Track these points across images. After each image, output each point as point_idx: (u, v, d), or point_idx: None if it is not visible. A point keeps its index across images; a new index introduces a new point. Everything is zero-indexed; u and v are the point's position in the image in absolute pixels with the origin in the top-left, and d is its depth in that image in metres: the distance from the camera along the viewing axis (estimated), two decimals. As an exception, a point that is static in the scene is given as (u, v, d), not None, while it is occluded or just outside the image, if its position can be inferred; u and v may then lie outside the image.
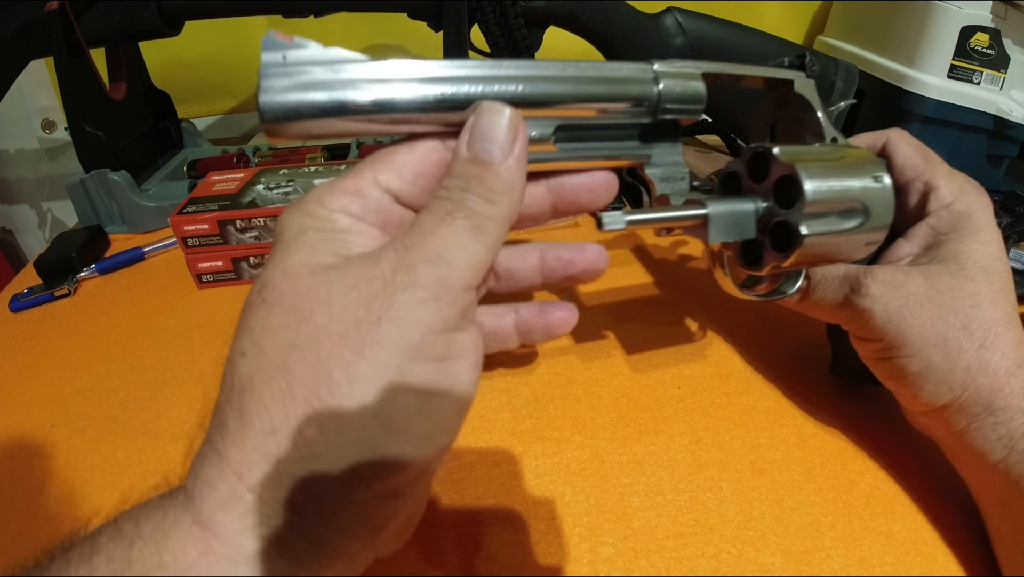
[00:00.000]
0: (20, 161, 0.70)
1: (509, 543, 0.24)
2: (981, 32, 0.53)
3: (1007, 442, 0.23)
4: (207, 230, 0.39)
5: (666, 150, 0.24)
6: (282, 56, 0.18)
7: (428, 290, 0.17)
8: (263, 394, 0.16)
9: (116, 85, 0.50)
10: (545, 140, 0.21)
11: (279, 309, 0.17)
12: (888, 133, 0.28)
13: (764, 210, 0.24)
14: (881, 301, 0.25)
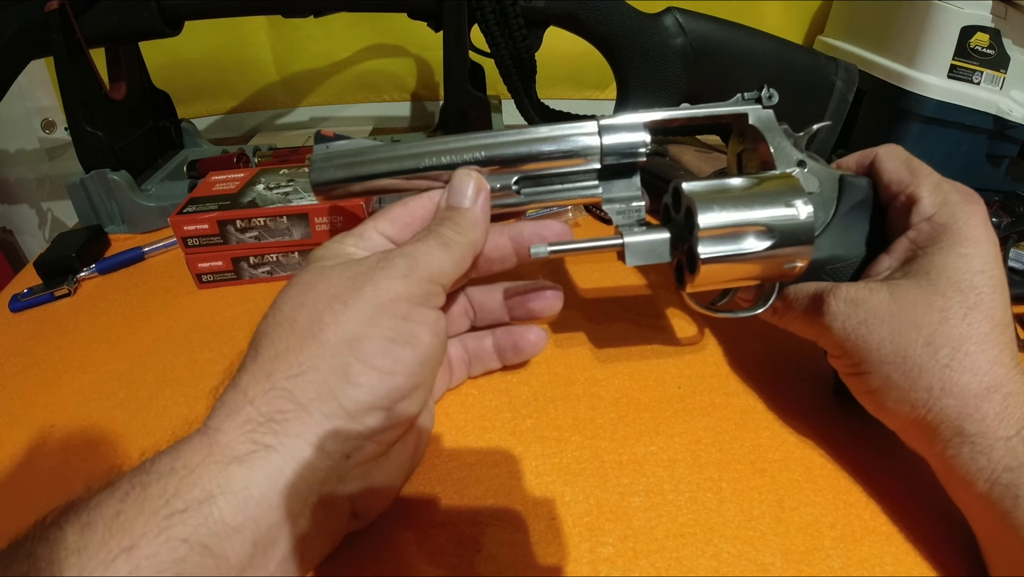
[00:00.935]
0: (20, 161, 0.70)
1: (509, 543, 0.24)
2: (981, 32, 0.53)
3: (988, 475, 0.21)
4: (207, 230, 0.39)
5: (623, 186, 0.29)
6: (326, 147, 0.28)
7: (399, 271, 0.23)
8: (273, 336, 0.22)
9: (116, 85, 0.50)
10: (508, 190, 0.28)
11: (298, 287, 0.23)
12: (877, 150, 0.29)
13: (678, 236, 0.28)
14: (839, 318, 0.25)
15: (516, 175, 0.28)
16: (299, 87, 0.71)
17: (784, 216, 0.26)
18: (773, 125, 0.29)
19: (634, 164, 0.28)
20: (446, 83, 0.48)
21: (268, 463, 0.19)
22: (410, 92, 0.74)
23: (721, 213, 0.26)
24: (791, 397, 0.32)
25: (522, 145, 0.27)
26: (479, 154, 0.27)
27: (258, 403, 0.20)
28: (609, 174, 0.28)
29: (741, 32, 0.45)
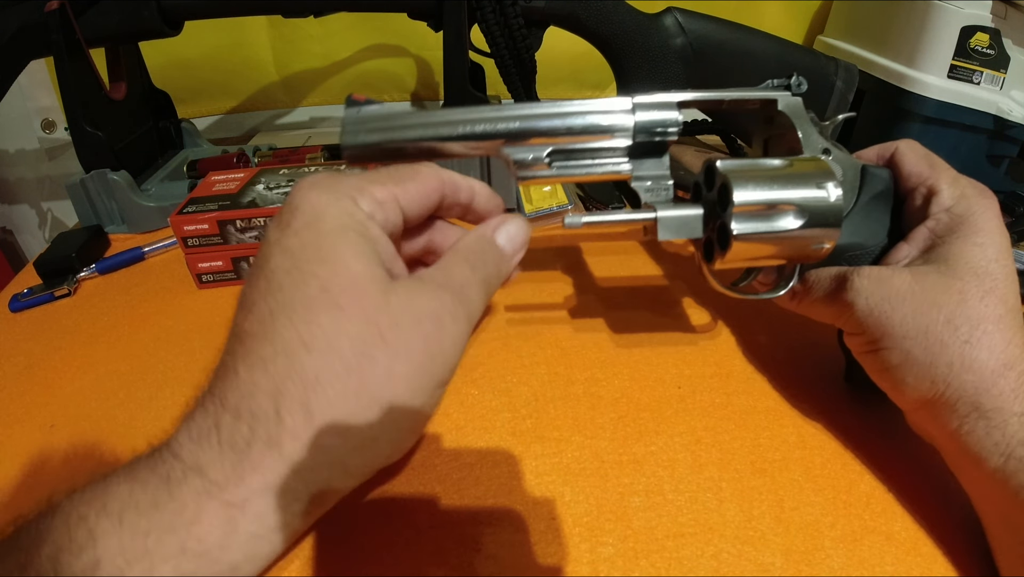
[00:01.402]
0: (20, 161, 0.70)
1: (509, 543, 0.24)
2: (981, 32, 0.53)
3: (1003, 449, 0.22)
4: (207, 230, 0.39)
5: (653, 165, 0.28)
6: (357, 111, 0.26)
7: (463, 338, 0.22)
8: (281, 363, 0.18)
9: (116, 85, 0.50)
10: (540, 162, 0.27)
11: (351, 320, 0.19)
12: (897, 144, 0.30)
13: (710, 214, 0.28)
14: (863, 293, 0.26)
15: (549, 147, 0.27)
16: (299, 87, 0.71)
17: (816, 197, 0.26)
18: (801, 112, 0.29)
19: (664, 143, 0.28)
20: (446, 83, 0.48)
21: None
22: (410, 92, 0.74)
23: (755, 191, 0.26)
24: (797, 392, 0.32)
25: (557, 118, 0.27)
26: (514, 124, 0.27)
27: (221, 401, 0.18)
28: (640, 152, 0.28)
29: (741, 32, 0.45)
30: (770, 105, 0.30)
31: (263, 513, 0.18)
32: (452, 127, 0.27)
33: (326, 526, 0.24)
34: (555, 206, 0.48)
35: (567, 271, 0.42)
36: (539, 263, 0.43)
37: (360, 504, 0.25)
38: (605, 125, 0.27)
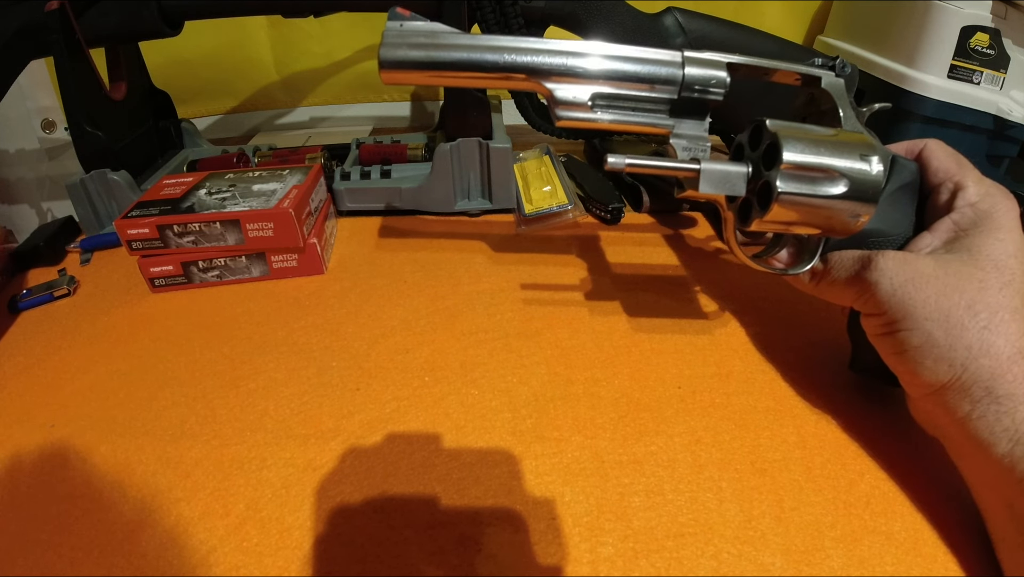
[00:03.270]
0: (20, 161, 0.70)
1: (509, 543, 0.24)
2: (981, 32, 0.53)
3: (1012, 435, 0.23)
4: (148, 234, 0.39)
5: (692, 125, 0.28)
6: (400, 24, 0.26)
7: None
8: None
9: (116, 85, 0.50)
10: (582, 104, 0.27)
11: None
12: (927, 141, 0.30)
13: (754, 173, 0.27)
14: (888, 274, 0.26)
15: (593, 89, 0.27)
16: (299, 87, 0.71)
17: (859, 168, 0.26)
18: (843, 94, 0.30)
19: (707, 103, 0.28)
20: (446, 83, 0.48)
21: None
22: (410, 92, 0.74)
23: (803, 152, 0.26)
24: (797, 392, 0.32)
25: (605, 60, 0.27)
26: (561, 60, 0.26)
27: None
28: (682, 110, 0.28)
29: (741, 32, 0.45)
30: (814, 82, 0.30)
31: None
32: (498, 54, 0.26)
33: (326, 526, 0.25)
34: (555, 206, 0.48)
35: (567, 272, 0.42)
36: (539, 263, 0.43)
37: (360, 504, 0.25)
38: (653, 73, 0.27)
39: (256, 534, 0.24)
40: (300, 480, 0.26)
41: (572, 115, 0.27)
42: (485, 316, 0.37)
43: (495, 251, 0.44)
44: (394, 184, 0.48)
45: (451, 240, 0.46)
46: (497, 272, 0.42)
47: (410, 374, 0.33)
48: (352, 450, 0.28)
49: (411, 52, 0.26)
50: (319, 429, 0.29)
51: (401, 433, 0.29)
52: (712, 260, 0.44)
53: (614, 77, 0.27)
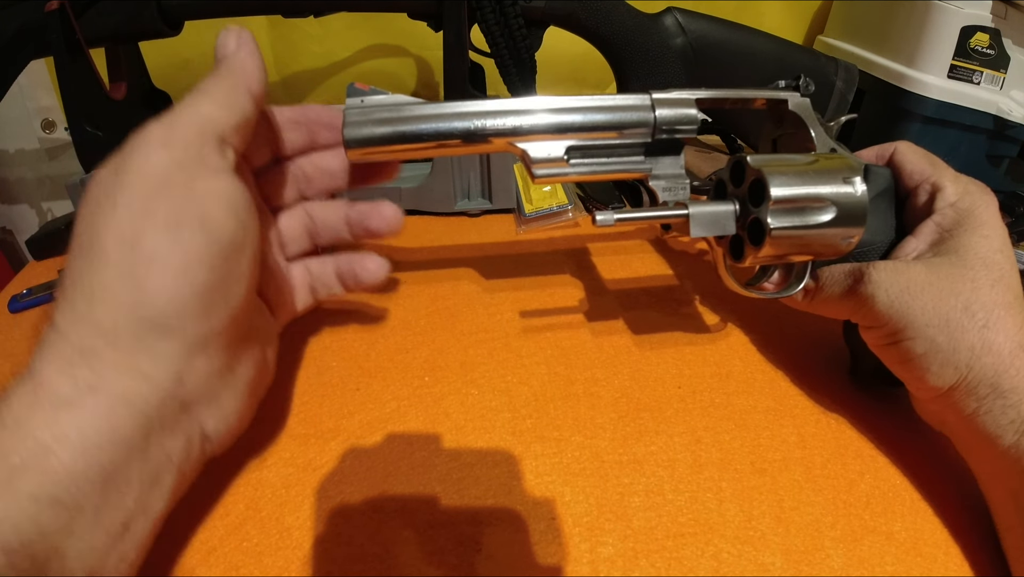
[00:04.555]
0: (20, 161, 0.70)
1: (509, 543, 0.24)
2: (981, 32, 0.53)
3: (1018, 427, 0.23)
4: None
5: (669, 164, 0.28)
6: (360, 100, 0.25)
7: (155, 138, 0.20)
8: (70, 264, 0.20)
9: (116, 85, 0.50)
10: (557, 159, 0.26)
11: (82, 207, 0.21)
12: (896, 144, 0.30)
13: (741, 210, 0.28)
14: (883, 286, 0.26)
15: (567, 143, 0.27)
16: (299, 87, 0.71)
17: (844, 192, 0.26)
18: (811, 112, 0.30)
19: (680, 142, 0.28)
20: (446, 83, 0.48)
21: (96, 404, 0.18)
22: (410, 92, 0.73)
23: (789, 185, 0.26)
24: (797, 392, 0.32)
25: (575, 113, 0.26)
26: (530, 119, 0.26)
27: (70, 336, 0.19)
28: (657, 150, 0.28)
29: (741, 32, 0.45)
30: (780, 105, 0.30)
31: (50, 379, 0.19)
32: (466, 120, 0.26)
33: (326, 526, 0.25)
34: (555, 206, 0.47)
35: (567, 272, 0.42)
36: (539, 263, 0.43)
37: (360, 504, 0.25)
38: (624, 120, 0.27)
39: (256, 534, 0.24)
40: (300, 480, 0.26)
41: (549, 172, 0.27)
42: (485, 316, 0.37)
43: (495, 251, 0.44)
44: (394, 184, 0.48)
45: (451, 240, 0.46)
46: (497, 272, 0.42)
47: (410, 374, 0.33)
48: (352, 450, 0.28)
49: (376, 129, 0.25)
50: (319, 429, 0.29)
51: (401, 433, 0.29)
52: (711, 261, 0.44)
53: (587, 128, 0.26)
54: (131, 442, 0.19)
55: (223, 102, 0.23)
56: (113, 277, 0.19)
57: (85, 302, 0.19)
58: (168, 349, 0.20)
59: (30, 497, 0.16)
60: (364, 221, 0.29)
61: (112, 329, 0.19)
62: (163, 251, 0.19)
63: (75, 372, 0.18)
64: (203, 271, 0.20)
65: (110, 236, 0.19)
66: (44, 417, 0.18)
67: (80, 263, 0.19)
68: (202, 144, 0.21)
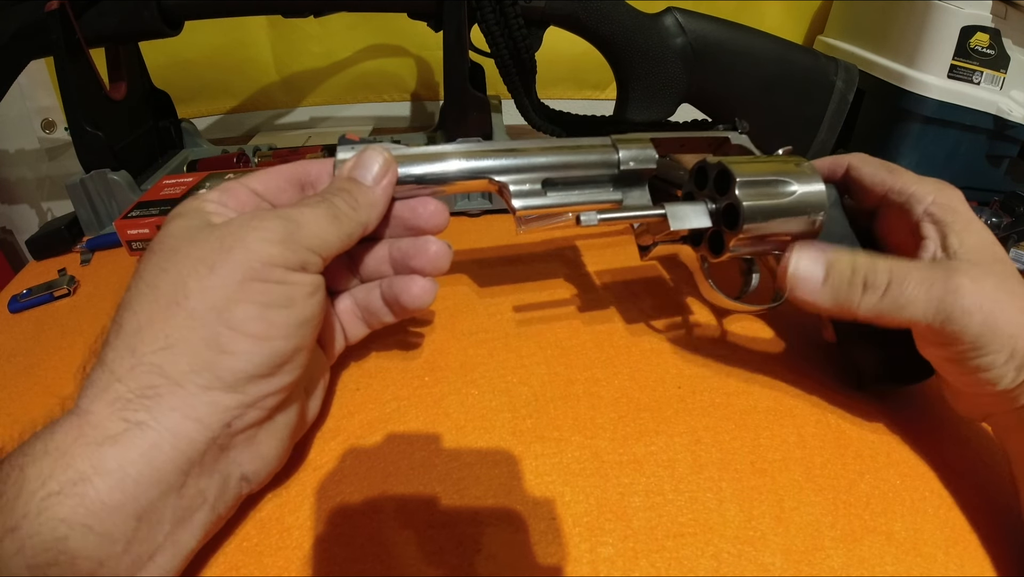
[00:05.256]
0: (20, 161, 0.70)
1: (509, 543, 0.24)
2: (981, 32, 0.53)
3: None
4: (148, 234, 0.39)
5: (637, 195, 0.31)
6: (351, 148, 0.27)
7: (274, 234, 0.22)
8: (135, 307, 0.21)
9: (116, 85, 0.50)
10: (537, 193, 0.29)
11: (160, 253, 0.22)
12: (848, 159, 0.31)
13: (712, 205, 0.30)
14: (977, 301, 0.24)
15: (543, 176, 0.30)
16: (299, 87, 0.71)
17: (797, 169, 0.29)
18: (750, 144, 0.35)
19: (643, 175, 0.31)
20: (446, 83, 0.48)
21: (143, 440, 0.19)
22: (410, 92, 0.74)
23: (750, 169, 0.29)
24: (796, 392, 0.32)
25: (546, 154, 0.29)
26: (510, 160, 0.29)
27: (126, 380, 0.19)
28: (624, 184, 0.31)
29: (741, 32, 0.45)
30: (725, 142, 0.35)
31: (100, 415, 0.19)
32: (448, 163, 0.28)
33: (326, 526, 0.25)
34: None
35: (567, 272, 0.42)
36: (539, 264, 0.43)
37: (360, 504, 0.25)
38: (592, 161, 0.30)
39: (256, 534, 0.24)
40: (300, 480, 0.26)
41: (529, 203, 0.29)
42: (485, 316, 0.37)
43: (495, 251, 0.44)
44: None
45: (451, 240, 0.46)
46: (497, 272, 0.42)
47: (410, 374, 0.33)
48: (352, 450, 0.28)
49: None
50: (319, 429, 0.29)
51: (401, 433, 0.29)
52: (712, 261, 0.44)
53: (559, 167, 0.29)
54: (169, 480, 0.19)
55: (344, 238, 0.25)
56: (196, 336, 0.20)
57: (154, 351, 0.20)
58: (229, 401, 0.21)
59: (63, 521, 0.17)
60: (408, 261, 0.29)
61: (178, 378, 0.20)
62: (251, 324, 0.21)
63: (126, 412, 0.19)
64: (281, 343, 0.22)
65: (201, 298, 0.20)
66: (88, 450, 0.18)
67: (152, 311, 0.20)
68: (309, 256, 0.23)
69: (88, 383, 0.20)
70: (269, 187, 0.26)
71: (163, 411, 0.19)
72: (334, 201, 0.24)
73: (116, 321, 0.21)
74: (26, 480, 0.17)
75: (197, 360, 0.20)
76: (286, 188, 0.27)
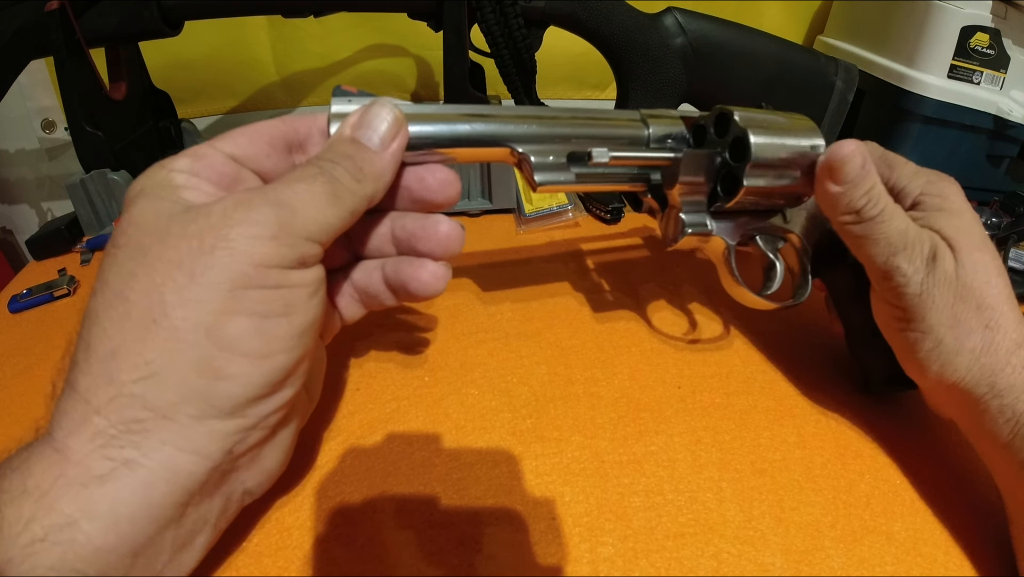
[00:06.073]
0: (20, 161, 0.70)
1: (509, 543, 0.24)
2: (981, 32, 0.53)
3: (1013, 426, 0.23)
4: None
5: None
6: (348, 100, 0.23)
7: (265, 228, 0.18)
8: (104, 322, 0.17)
9: (116, 85, 0.50)
10: (561, 167, 0.26)
11: (126, 250, 0.18)
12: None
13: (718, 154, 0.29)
14: (921, 272, 0.25)
15: (568, 151, 0.26)
16: (299, 87, 0.71)
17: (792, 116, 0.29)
18: None
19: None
20: (446, 83, 0.48)
21: (134, 479, 0.17)
22: (410, 92, 0.73)
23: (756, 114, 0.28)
24: (796, 392, 0.32)
25: (574, 125, 0.26)
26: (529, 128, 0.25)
27: (106, 413, 0.17)
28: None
29: (741, 32, 0.45)
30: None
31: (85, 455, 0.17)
32: (448, 126, 0.24)
33: (326, 526, 0.24)
34: (555, 206, 0.48)
35: (567, 271, 0.42)
36: (539, 263, 0.43)
37: (360, 504, 0.25)
38: (621, 135, 0.27)
39: (256, 534, 0.24)
40: (300, 480, 0.26)
41: (551, 177, 0.26)
42: (485, 316, 0.37)
43: (495, 251, 0.44)
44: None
45: (451, 240, 0.46)
46: (497, 272, 0.42)
47: (410, 374, 0.33)
48: (352, 450, 0.28)
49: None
50: (319, 429, 0.29)
51: (401, 433, 0.29)
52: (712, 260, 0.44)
53: (586, 139, 0.26)
54: (167, 515, 0.17)
55: (347, 218, 0.20)
56: (182, 362, 0.17)
57: (134, 380, 0.17)
58: (228, 428, 0.18)
59: (52, 569, 0.15)
60: (414, 243, 0.24)
61: (167, 410, 0.17)
62: (246, 341, 0.18)
63: (111, 450, 0.17)
64: (283, 357, 0.19)
65: (183, 315, 0.17)
66: (72, 492, 0.16)
67: (125, 330, 0.17)
68: (307, 246, 0.19)
69: (60, 411, 0.17)
70: (250, 152, 0.21)
71: (153, 446, 0.17)
72: (334, 173, 0.20)
73: (83, 338, 0.18)
74: (4, 522, 0.15)
75: (187, 389, 0.17)
76: (270, 152, 0.22)
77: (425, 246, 0.24)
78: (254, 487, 0.22)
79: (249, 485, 0.21)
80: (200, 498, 0.19)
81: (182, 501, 0.18)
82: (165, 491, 0.17)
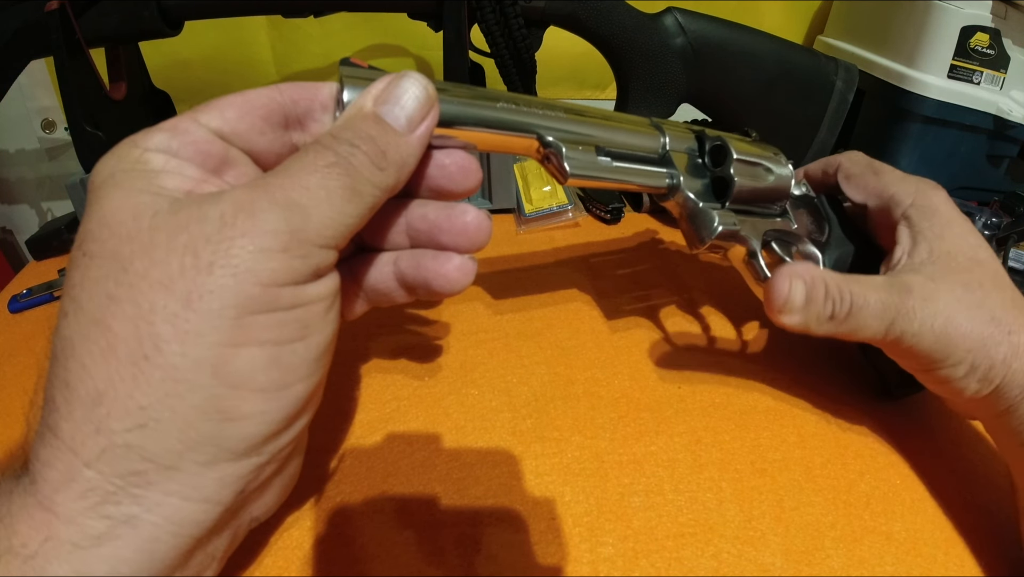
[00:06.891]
0: (20, 161, 0.70)
1: (509, 543, 0.24)
2: (981, 32, 0.53)
3: None
4: None
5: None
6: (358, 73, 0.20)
7: (274, 239, 0.15)
8: (81, 356, 0.14)
9: (116, 85, 0.50)
10: (591, 158, 0.24)
11: (99, 261, 0.15)
12: (840, 157, 0.31)
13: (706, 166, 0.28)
14: (927, 324, 0.24)
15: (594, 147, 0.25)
16: (299, 87, 0.71)
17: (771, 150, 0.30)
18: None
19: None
20: (446, 83, 0.48)
21: (136, 537, 0.15)
22: (410, 92, 0.73)
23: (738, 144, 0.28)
24: (797, 392, 0.32)
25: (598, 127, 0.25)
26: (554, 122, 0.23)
27: (97, 466, 0.14)
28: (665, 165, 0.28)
29: (741, 32, 0.45)
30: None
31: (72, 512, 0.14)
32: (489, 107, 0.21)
33: (326, 526, 0.25)
34: (555, 206, 0.47)
35: (567, 272, 0.42)
36: (539, 263, 0.43)
37: (360, 504, 0.25)
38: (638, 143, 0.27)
39: (256, 534, 0.24)
40: (300, 480, 0.26)
41: (583, 172, 0.23)
42: (485, 316, 0.37)
43: (495, 251, 0.44)
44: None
45: (451, 240, 0.46)
46: (497, 272, 0.42)
47: (410, 374, 0.33)
48: (352, 450, 0.28)
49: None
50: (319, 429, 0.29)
51: (401, 433, 0.29)
52: (712, 261, 0.44)
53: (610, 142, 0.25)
54: (173, 565, 0.16)
55: (366, 215, 0.17)
56: (185, 406, 0.14)
57: (128, 429, 0.14)
58: (242, 470, 0.16)
59: None
60: (436, 236, 0.21)
61: (171, 461, 0.15)
62: (259, 376, 0.15)
63: (107, 507, 0.14)
64: (301, 386, 0.17)
65: (181, 351, 0.14)
66: (64, 553, 0.14)
67: (110, 368, 0.14)
68: (324, 249, 0.16)
69: (41, 461, 0.15)
70: (240, 127, 0.18)
71: (157, 499, 0.15)
72: (352, 161, 0.17)
73: (58, 374, 0.15)
74: None
75: (192, 435, 0.15)
76: (264, 128, 0.18)
77: (450, 238, 0.21)
78: (261, 515, 0.20)
79: (256, 514, 0.20)
80: (207, 541, 0.17)
81: (189, 549, 0.16)
82: (171, 544, 0.15)
